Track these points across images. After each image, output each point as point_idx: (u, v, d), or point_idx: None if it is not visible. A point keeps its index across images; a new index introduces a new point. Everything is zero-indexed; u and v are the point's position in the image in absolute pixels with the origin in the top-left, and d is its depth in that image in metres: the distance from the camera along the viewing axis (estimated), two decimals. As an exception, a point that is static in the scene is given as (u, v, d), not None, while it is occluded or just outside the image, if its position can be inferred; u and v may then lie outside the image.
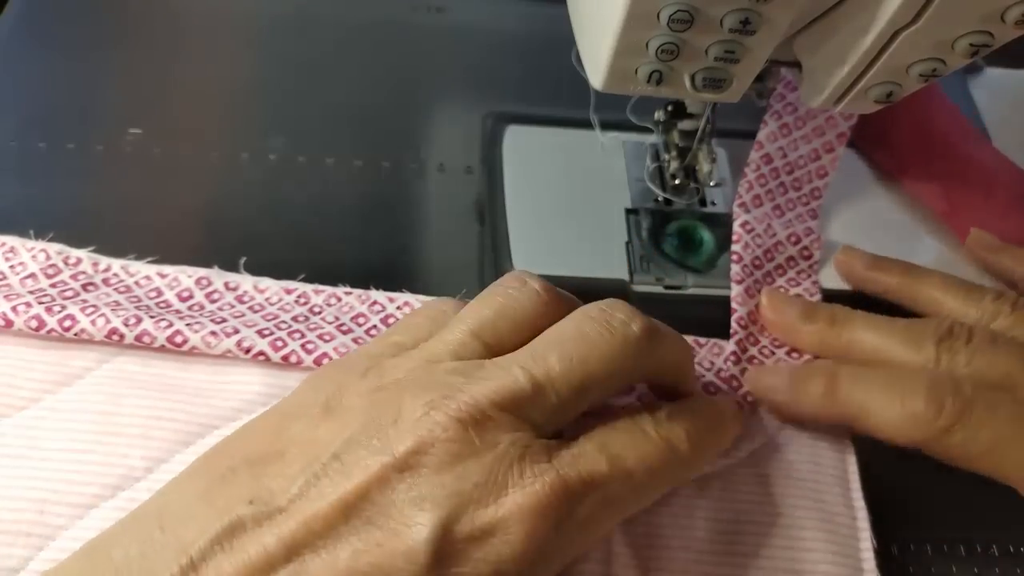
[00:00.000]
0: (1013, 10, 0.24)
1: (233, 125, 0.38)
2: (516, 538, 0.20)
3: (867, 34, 0.26)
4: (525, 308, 0.25)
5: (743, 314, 0.33)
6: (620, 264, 0.36)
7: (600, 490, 0.22)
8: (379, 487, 0.21)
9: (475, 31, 0.44)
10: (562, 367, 0.23)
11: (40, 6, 0.41)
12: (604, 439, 0.23)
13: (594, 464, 0.22)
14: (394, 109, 0.40)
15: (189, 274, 0.32)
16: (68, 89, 0.38)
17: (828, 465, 0.30)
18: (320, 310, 0.32)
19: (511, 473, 0.21)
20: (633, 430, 0.24)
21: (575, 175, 0.38)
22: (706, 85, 0.28)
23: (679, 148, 0.37)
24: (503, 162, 0.38)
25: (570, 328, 0.24)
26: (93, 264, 0.32)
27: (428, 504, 0.20)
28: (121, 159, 0.36)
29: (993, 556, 0.30)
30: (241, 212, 0.35)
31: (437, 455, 0.21)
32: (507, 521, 0.20)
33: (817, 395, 0.29)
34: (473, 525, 0.20)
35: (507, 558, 0.20)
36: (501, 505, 0.20)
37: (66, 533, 0.26)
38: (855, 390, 0.28)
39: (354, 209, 0.36)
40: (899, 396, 0.27)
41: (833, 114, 0.37)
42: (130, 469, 0.27)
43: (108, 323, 0.29)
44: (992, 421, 0.26)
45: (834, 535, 0.28)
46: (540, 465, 0.21)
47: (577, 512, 0.21)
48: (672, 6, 0.25)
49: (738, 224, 0.36)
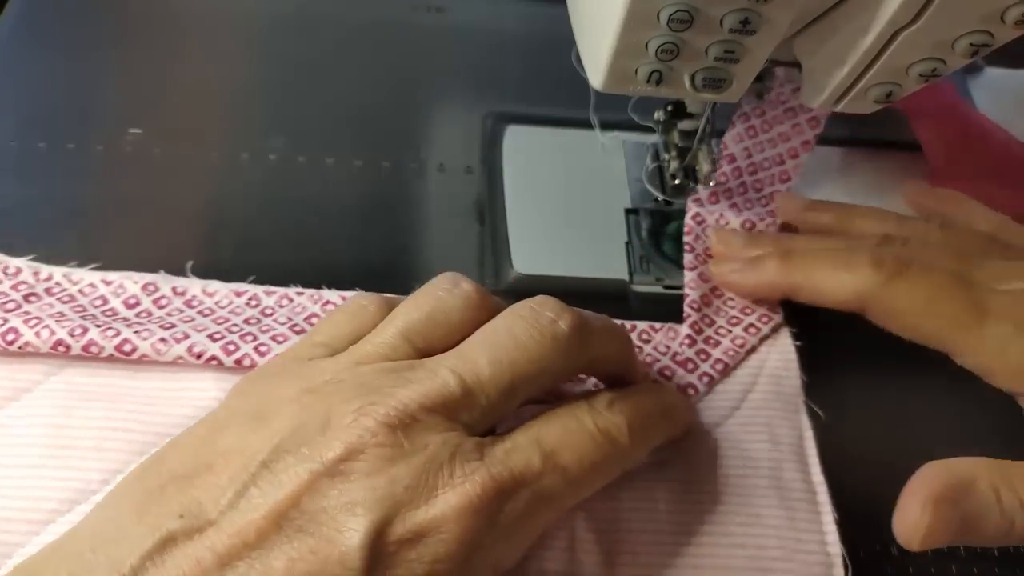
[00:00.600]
0: (1013, 10, 0.24)
1: (233, 125, 0.38)
2: (450, 537, 0.20)
3: (867, 34, 0.26)
4: (456, 310, 0.25)
5: (696, 298, 0.33)
6: (620, 264, 0.36)
7: (533, 486, 0.22)
8: (310, 495, 0.20)
9: (475, 31, 0.44)
10: (491, 369, 0.23)
11: (40, 6, 0.41)
12: (538, 433, 0.23)
13: (527, 460, 0.22)
14: (394, 109, 0.40)
15: (135, 280, 0.31)
16: (68, 89, 0.38)
17: (785, 443, 0.30)
18: (272, 312, 0.31)
19: (441, 474, 0.21)
20: (569, 423, 0.24)
21: (575, 175, 0.38)
22: (706, 85, 0.28)
23: (679, 148, 0.37)
24: (503, 162, 0.38)
25: (500, 328, 0.24)
26: (34, 273, 0.31)
27: (360, 509, 0.20)
28: (121, 159, 0.36)
29: (993, 556, 0.30)
30: (241, 212, 0.35)
31: (367, 460, 0.21)
32: (439, 521, 0.20)
33: (772, 269, 0.32)
34: (405, 527, 0.20)
35: (442, 558, 0.20)
36: (433, 506, 0.21)
37: (22, 550, 0.25)
38: (805, 262, 0.31)
39: (354, 209, 0.36)
40: (844, 261, 0.30)
41: (799, 122, 0.38)
42: (86, 483, 0.26)
43: (53, 335, 0.28)
44: (927, 279, 0.29)
45: (793, 511, 0.28)
46: (471, 464, 0.21)
47: (510, 508, 0.21)
48: (672, 6, 0.25)
49: (689, 216, 0.36)
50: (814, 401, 0.32)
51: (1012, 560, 0.30)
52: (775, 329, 0.33)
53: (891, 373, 0.34)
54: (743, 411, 0.31)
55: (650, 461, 0.29)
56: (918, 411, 0.33)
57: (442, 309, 0.25)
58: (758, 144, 0.38)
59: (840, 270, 0.30)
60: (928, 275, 0.29)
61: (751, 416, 0.31)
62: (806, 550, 0.28)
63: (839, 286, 0.30)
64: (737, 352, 0.32)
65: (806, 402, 0.31)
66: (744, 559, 0.27)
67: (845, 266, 0.30)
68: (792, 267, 0.32)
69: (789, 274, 0.31)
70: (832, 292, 0.31)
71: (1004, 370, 0.29)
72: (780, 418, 0.31)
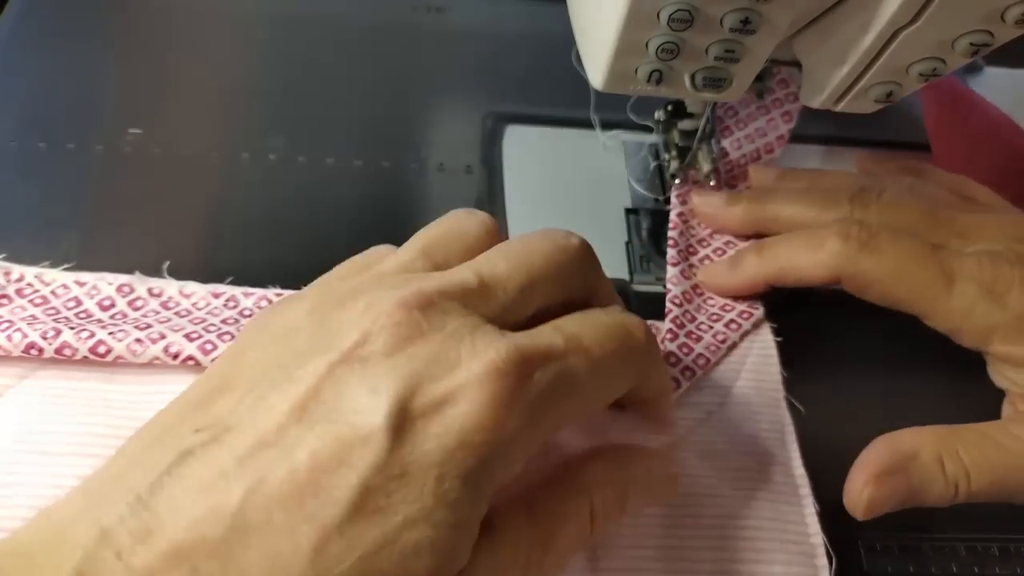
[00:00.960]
0: (1013, 10, 0.24)
1: (233, 125, 0.38)
2: (474, 405, 0.19)
3: (867, 34, 0.26)
4: (472, 229, 0.25)
5: (677, 293, 0.33)
6: (620, 264, 0.36)
7: (557, 362, 0.21)
8: (329, 384, 0.19)
9: (475, 31, 0.44)
10: (508, 266, 0.23)
11: (40, 6, 0.41)
12: (559, 323, 0.23)
13: (550, 339, 0.21)
14: (394, 109, 0.40)
15: (110, 281, 0.31)
16: (68, 89, 0.38)
17: (767, 437, 0.30)
18: (250, 313, 0.30)
19: (463, 347, 0.20)
20: (586, 317, 0.23)
21: (575, 175, 0.38)
22: (706, 85, 0.28)
23: (679, 148, 0.37)
24: (503, 162, 0.38)
25: (514, 241, 0.24)
26: (4, 273, 0.30)
27: (380, 387, 0.19)
28: (121, 159, 0.36)
29: (993, 556, 0.30)
30: (241, 212, 0.35)
31: (383, 340, 0.20)
32: (463, 389, 0.19)
33: (752, 263, 0.33)
34: (428, 398, 0.19)
35: (468, 428, 0.19)
36: (455, 376, 0.20)
37: None
38: (780, 249, 0.33)
39: (354, 209, 0.36)
40: (816, 239, 0.32)
41: (773, 117, 0.38)
42: (62, 489, 0.25)
43: (25, 338, 0.27)
44: (896, 248, 0.31)
45: (776, 503, 0.29)
46: (493, 335, 0.21)
47: (536, 381, 0.20)
48: (672, 5, 0.25)
49: (674, 214, 0.36)
50: (795, 396, 0.32)
51: (1012, 560, 0.30)
52: (756, 325, 0.33)
53: (871, 367, 0.34)
54: (725, 406, 0.31)
55: None
56: (897, 404, 0.33)
57: (460, 228, 0.25)
58: (735, 142, 0.38)
59: (811, 250, 0.32)
60: (896, 244, 0.31)
61: (733, 411, 0.31)
62: (789, 539, 0.28)
63: (813, 265, 0.32)
64: (719, 348, 0.32)
65: (786, 397, 0.32)
66: (727, 550, 0.28)
67: (815, 245, 0.32)
68: (768, 257, 0.33)
69: (767, 265, 0.33)
70: (809, 272, 0.32)
71: (972, 330, 0.30)
72: (761, 413, 0.31)
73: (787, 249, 0.33)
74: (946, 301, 0.30)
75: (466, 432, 0.19)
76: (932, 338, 0.32)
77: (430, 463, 0.19)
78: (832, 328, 0.35)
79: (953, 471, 0.28)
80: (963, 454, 0.28)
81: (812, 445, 0.30)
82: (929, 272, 0.30)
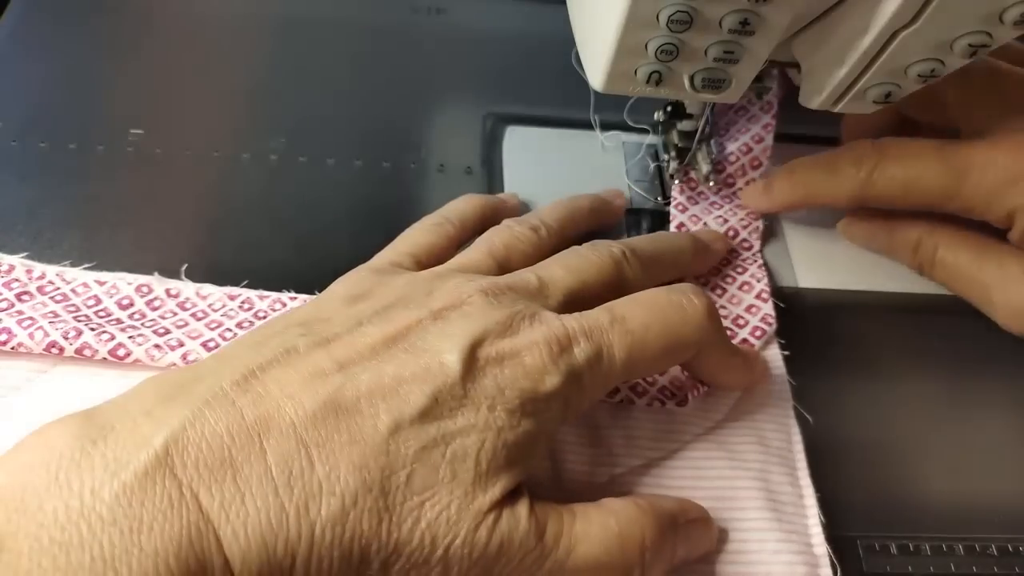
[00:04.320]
0: (1012, 10, 0.25)
1: (234, 125, 0.38)
2: (528, 363, 0.24)
3: (866, 34, 0.27)
4: (530, 240, 0.31)
5: None
6: (620, 264, 0.36)
7: (597, 339, 0.25)
8: (417, 330, 0.24)
9: (475, 32, 0.44)
10: (564, 272, 0.28)
11: (40, 6, 0.41)
12: (613, 303, 0.27)
13: (597, 319, 0.26)
14: (394, 109, 0.40)
15: (129, 281, 0.31)
16: (69, 89, 0.38)
17: (774, 447, 0.30)
18: (265, 315, 0.31)
19: (523, 322, 0.25)
20: (641, 296, 0.27)
21: (575, 175, 0.39)
22: (705, 86, 0.28)
23: (678, 148, 0.37)
24: (503, 162, 0.39)
25: (570, 251, 0.29)
26: (27, 271, 0.31)
27: (456, 335, 0.24)
28: (122, 159, 0.36)
29: (992, 556, 0.30)
30: (242, 212, 0.35)
31: (465, 309, 0.25)
32: (520, 348, 0.24)
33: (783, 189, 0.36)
34: (493, 348, 0.24)
35: (517, 376, 0.24)
36: (516, 339, 0.25)
37: None
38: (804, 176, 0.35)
39: (355, 209, 0.36)
40: (832, 167, 0.34)
41: (752, 112, 0.38)
42: None
43: (47, 336, 0.28)
44: (902, 161, 0.33)
45: (781, 514, 0.29)
46: (549, 316, 0.26)
47: (575, 354, 0.25)
48: (671, 7, 0.25)
49: (674, 226, 0.36)
50: (803, 406, 0.32)
51: (1012, 560, 0.30)
52: (767, 343, 0.33)
53: (879, 378, 0.34)
54: (733, 416, 0.31)
55: (639, 464, 0.29)
56: (905, 415, 0.33)
57: (516, 238, 0.31)
58: (718, 144, 0.38)
59: (830, 176, 0.34)
60: (902, 155, 0.33)
61: (741, 421, 0.31)
62: (793, 551, 0.28)
63: (834, 192, 0.35)
64: None
65: (795, 407, 0.32)
66: (731, 559, 0.28)
67: (833, 172, 0.34)
68: (795, 184, 0.36)
69: (796, 190, 0.36)
70: (832, 199, 0.35)
71: (983, 206, 0.33)
72: (769, 423, 0.31)
73: (810, 176, 0.35)
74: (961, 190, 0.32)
75: (515, 379, 0.24)
76: (936, 345, 0.32)
77: (485, 395, 0.24)
78: (841, 338, 0.35)
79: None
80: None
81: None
82: (937, 172, 0.33)
